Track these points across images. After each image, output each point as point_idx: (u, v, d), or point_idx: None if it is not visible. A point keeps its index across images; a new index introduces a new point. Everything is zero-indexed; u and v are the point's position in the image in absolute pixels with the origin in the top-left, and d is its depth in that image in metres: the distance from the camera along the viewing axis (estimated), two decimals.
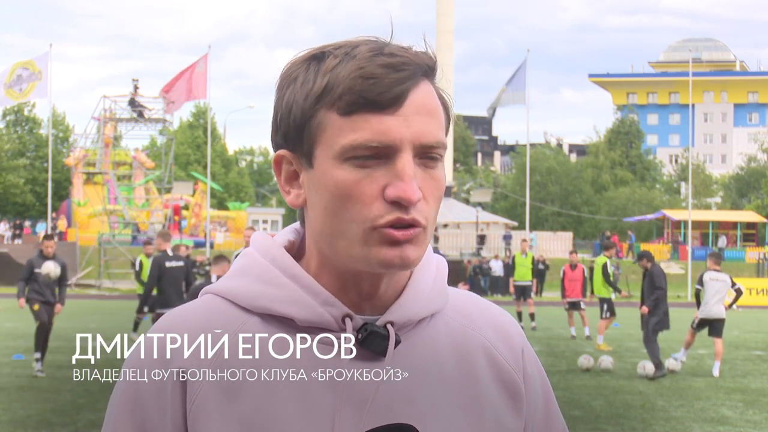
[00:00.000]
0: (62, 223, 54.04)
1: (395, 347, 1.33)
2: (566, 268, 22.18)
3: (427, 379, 1.35)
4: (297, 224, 1.43)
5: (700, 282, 16.04)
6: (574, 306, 21.63)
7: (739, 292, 16.20)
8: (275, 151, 1.35)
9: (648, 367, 15.08)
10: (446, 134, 1.35)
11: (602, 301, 19.99)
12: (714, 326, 15.89)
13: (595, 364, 15.85)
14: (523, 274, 23.65)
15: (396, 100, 1.26)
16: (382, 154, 1.27)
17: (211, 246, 47.82)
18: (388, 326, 1.33)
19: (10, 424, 10.38)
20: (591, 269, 23.09)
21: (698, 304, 16.18)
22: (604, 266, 20.22)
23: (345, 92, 1.26)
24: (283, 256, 1.36)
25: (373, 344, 1.32)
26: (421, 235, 1.29)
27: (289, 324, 1.33)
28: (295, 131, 1.31)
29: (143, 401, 1.32)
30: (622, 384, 14.29)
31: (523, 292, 23.76)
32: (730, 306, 16.25)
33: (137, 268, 21.35)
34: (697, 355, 18.71)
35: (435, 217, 1.31)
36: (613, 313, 19.96)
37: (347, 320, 1.32)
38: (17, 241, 51.73)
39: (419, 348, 1.36)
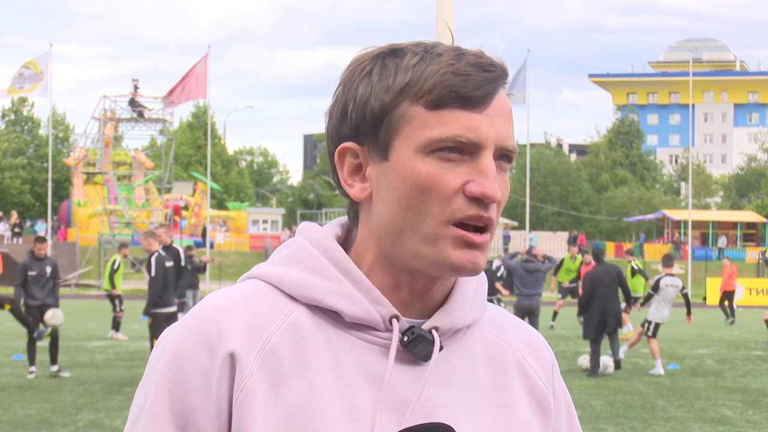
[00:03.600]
0: (13, 216, 54.29)
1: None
2: None
3: (463, 386, 1.34)
4: (343, 218, 1.40)
5: (656, 287, 15.95)
6: None
7: (686, 298, 16.29)
8: (337, 144, 1.32)
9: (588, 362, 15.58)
10: None
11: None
12: (657, 329, 16.07)
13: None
14: (568, 278, 24.05)
15: (485, 99, 1.27)
16: (466, 151, 1.27)
17: (211, 246, 47.85)
18: (433, 332, 1.32)
19: (10, 424, 10.39)
20: None
21: (642, 304, 16.43)
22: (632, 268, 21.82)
23: (436, 86, 1.26)
24: (336, 249, 1.34)
25: (417, 348, 1.30)
26: (489, 242, 1.30)
27: (335, 318, 1.31)
28: (371, 123, 1.29)
29: (186, 381, 1.28)
30: (622, 384, 14.30)
31: (569, 293, 24.23)
32: (689, 313, 16.41)
33: (115, 267, 21.72)
34: (697, 355, 18.72)
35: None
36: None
37: (394, 321, 1.31)
38: (17, 241, 51.71)
39: (456, 355, 1.35)
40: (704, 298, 41.08)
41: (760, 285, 43.28)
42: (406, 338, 1.30)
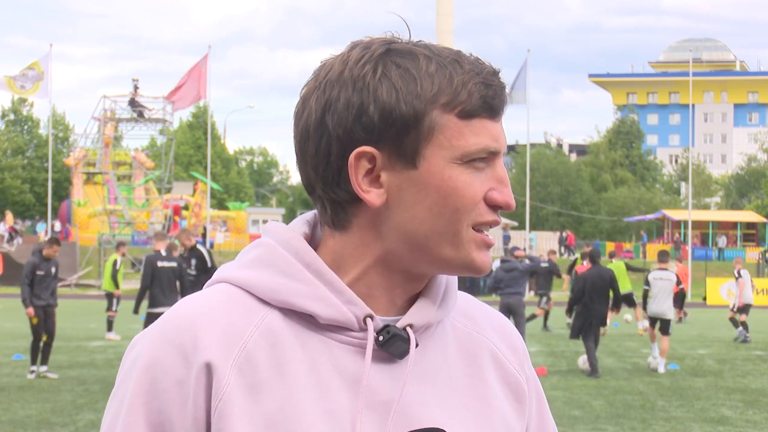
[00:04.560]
0: (8, 216, 54.28)
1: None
2: None
3: (438, 381, 1.34)
4: (308, 215, 1.39)
5: (647, 282, 16.57)
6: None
7: (682, 292, 16.56)
8: (348, 146, 1.28)
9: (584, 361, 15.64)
10: None
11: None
12: (662, 324, 16.27)
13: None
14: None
15: (503, 108, 1.32)
16: (488, 159, 1.30)
17: (211, 246, 47.82)
18: (408, 329, 1.32)
19: (10, 424, 10.39)
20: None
21: (644, 303, 16.71)
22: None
23: (470, 97, 1.28)
24: (306, 250, 1.32)
25: (393, 347, 1.30)
26: None
27: (309, 320, 1.30)
28: (399, 129, 1.27)
29: (161, 391, 1.26)
30: (622, 384, 14.30)
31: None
32: (681, 308, 16.48)
33: (117, 267, 21.80)
34: (697, 355, 18.72)
35: None
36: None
37: (368, 320, 1.30)
38: (17, 241, 51.70)
39: (429, 350, 1.35)
40: (704, 298, 41.06)
41: (760, 285, 43.24)
42: (381, 338, 1.30)
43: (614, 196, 76.07)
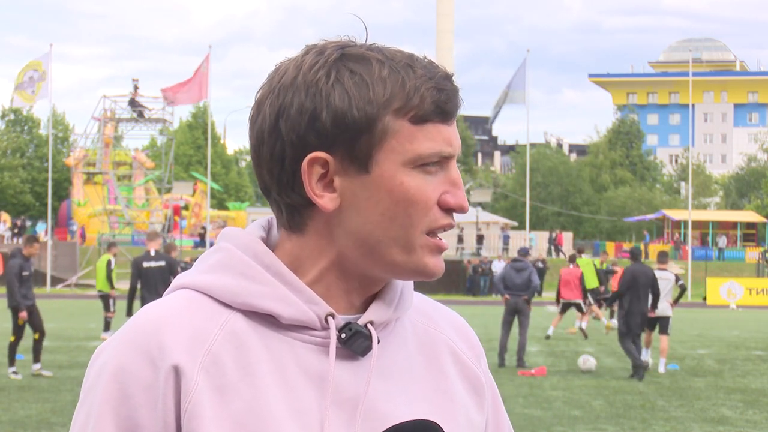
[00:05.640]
0: (3, 217, 54.36)
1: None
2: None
3: (401, 376, 1.36)
4: (263, 220, 1.40)
5: None
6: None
7: (682, 288, 16.76)
8: (302, 151, 1.29)
9: (590, 361, 15.64)
10: None
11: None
12: (661, 324, 16.18)
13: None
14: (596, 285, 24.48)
15: (456, 112, 1.32)
16: (441, 162, 1.31)
17: (212, 246, 47.82)
18: (369, 326, 1.33)
19: (10, 424, 10.39)
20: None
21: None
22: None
23: (423, 102, 1.29)
24: (265, 252, 1.33)
25: (355, 344, 1.32)
26: None
27: (272, 321, 1.31)
28: (351, 134, 1.28)
29: (130, 397, 1.26)
30: (622, 384, 14.30)
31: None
32: (675, 302, 16.47)
33: (111, 267, 21.79)
34: (697, 355, 18.72)
35: None
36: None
37: (330, 319, 1.32)
38: (17, 241, 51.69)
39: (390, 346, 1.37)
40: (704, 298, 41.09)
41: (760, 285, 43.26)
42: (344, 335, 1.31)
43: (614, 196, 76.07)
